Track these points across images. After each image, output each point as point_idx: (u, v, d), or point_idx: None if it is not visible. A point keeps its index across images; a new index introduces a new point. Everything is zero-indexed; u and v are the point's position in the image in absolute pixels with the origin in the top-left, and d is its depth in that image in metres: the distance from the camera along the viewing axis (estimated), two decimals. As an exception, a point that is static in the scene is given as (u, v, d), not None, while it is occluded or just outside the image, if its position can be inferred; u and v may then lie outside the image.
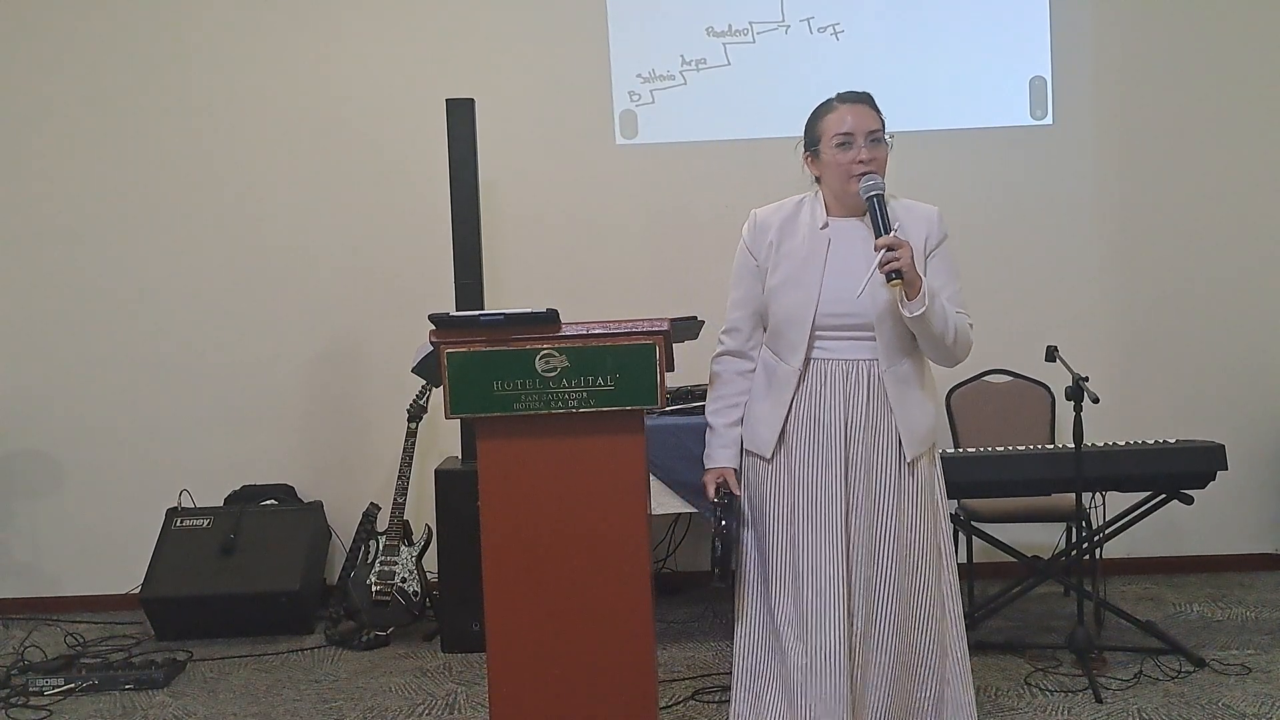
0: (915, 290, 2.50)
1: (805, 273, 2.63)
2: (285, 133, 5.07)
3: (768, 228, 2.70)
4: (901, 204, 2.69)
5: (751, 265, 2.71)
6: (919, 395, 2.67)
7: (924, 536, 2.67)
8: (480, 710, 3.55)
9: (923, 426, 2.67)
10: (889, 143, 2.65)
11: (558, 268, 4.96)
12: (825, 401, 2.63)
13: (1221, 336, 4.97)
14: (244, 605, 4.50)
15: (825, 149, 2.63)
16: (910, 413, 2.64)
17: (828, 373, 2.64)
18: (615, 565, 2.62)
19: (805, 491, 2.65)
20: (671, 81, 5.00)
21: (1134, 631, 3.93)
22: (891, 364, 2.62)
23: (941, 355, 2.66)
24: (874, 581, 2.63)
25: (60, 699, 3.85)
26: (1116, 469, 3.81)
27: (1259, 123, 4.97)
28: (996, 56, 4.98)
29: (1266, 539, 4.99)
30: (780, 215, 2.71)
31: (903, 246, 2.49)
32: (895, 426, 2.63)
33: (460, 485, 4.09)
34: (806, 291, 2.61)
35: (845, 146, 2.60)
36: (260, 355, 5.06)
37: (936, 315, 2.54)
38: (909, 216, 2.67)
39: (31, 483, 5.11)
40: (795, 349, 2.63)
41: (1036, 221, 5.00)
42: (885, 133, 2.65)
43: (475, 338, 2.62)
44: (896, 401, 2.62)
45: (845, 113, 2.63)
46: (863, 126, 2.61)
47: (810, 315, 2.61)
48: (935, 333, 2.56)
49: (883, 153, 2.63)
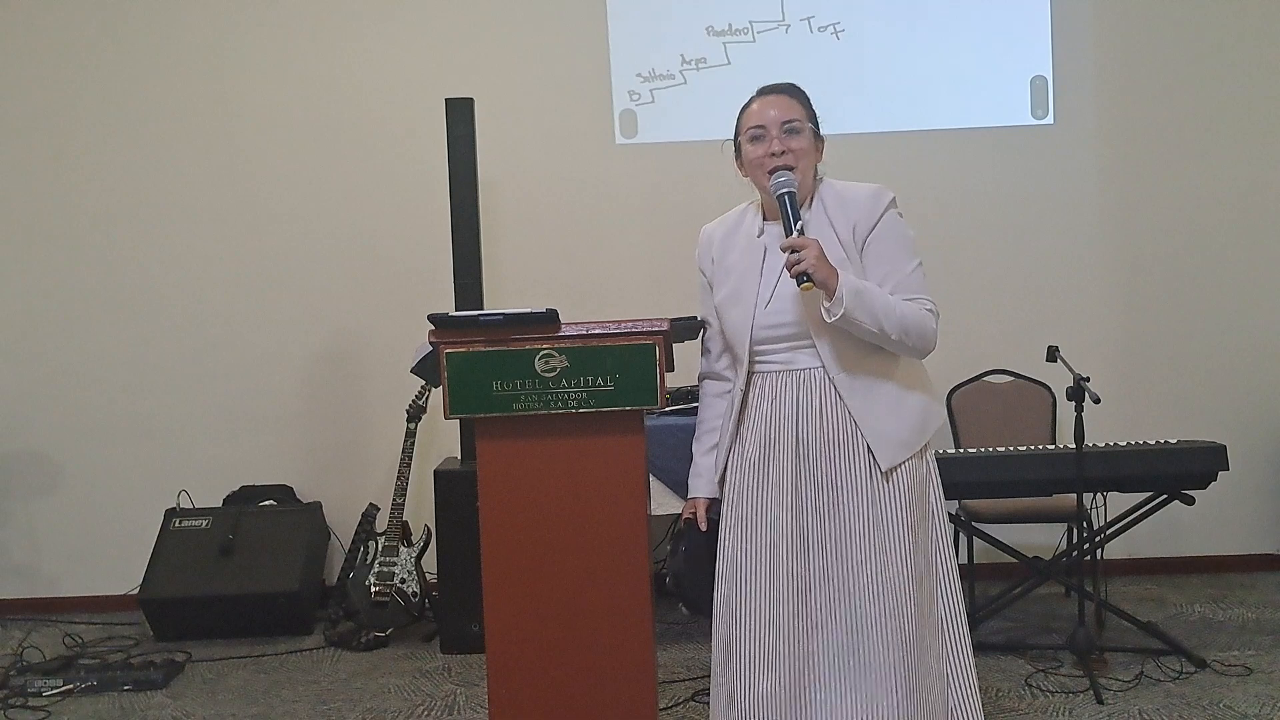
0: (831, 290, 2.29)
1: (744, 285, 2.48)
2: (285, 133, 5.06)
3: (711, 242, 2.59)
4: (835, 189, 2.49)
5: (703, 283, 2.61)
6: (891, 396, 2.43)
7: (909, 554, 2.40)
8: (480, 711, 3.54)
9: (899, 431, 2.42)
10: (815, 133, 2.47)
11: (557, 268, 4.96)
12: (772, 416, 2.45)
13: (1222, 336, 4.96)
14: (243, 606, 4.49)
15: (743, 144, 2.49)
16: (878, 418, 2.40)
17: (775, 385, 2.46)
18: (615, 565, 2.61)
19: (752, 515, 2.46)
20: (671, 81, 4.99)
21: (1135, 632, 3.92)
22: (842, 369, 2.40)
23: (896, 350, 2.42)
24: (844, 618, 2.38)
25: (59, 700, 3.84)
26: (1118, 469, 3.80)
27: (1259, 122, 4.96)
28: (997, 56, 4.97)
29: (1268, 539, 4.98)
30: (723, 228, 2.60)
31: (806, 246, 2.29)
32: (861, 435, 2.40)
33: (460, 485, 4.08)
34: (745, 305, 2.46)
35: (758, 139, 2.44)
36: (259, 355, 5.06)
37: (865, 313, 2.31)
38: (838, 203, 2.46)
39: (30, 483, 5.10)
40: (740, 364, 2.49)
41: (1037, 221, 4.99)
42: (809, 123, 2.46)
43: (475, 338, 2.61)
44: (858, 408, 2.39)
45: (759, 105, 2.48)
46: (776, 117, 2.43)
47: (748, 329, 2.45)
48: (870, 331, 2.33)
49: (800, 143, 2.43)
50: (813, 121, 2.49)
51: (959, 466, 3.84)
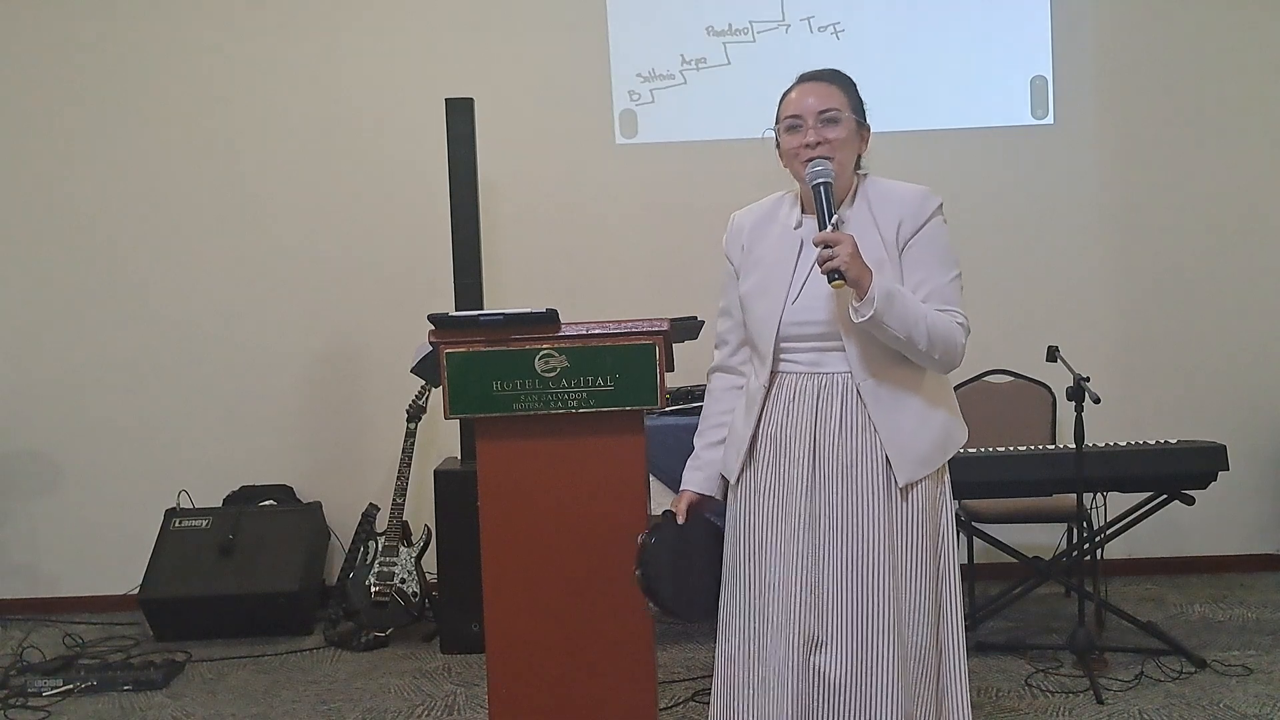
0: (863, 290, 2.18)
1: (774, 278, 2.35)
2: (285, 133, 5.06)
3: (741, 230, 2.46)
4: (880, 186, 2.39)
5: (729, 271, 2.48)
6: (916, 410, 2.31)
7: (923, 579, 2.30)
8: (480, 711, 3.54)
9: (919, 446, 2.30)
10: (858, 123, 2.36)
11: (557, 268, 4.96)
12: (792, 420, 2.33)
13: (1222, 336, 4.96)
14: (243, 606, 4.49)
15: (780, 134, 2.38)
16: (901, 430, 2.28)
17: (796, 387, 2.33)
18: (615, 565, 2.60)
19: (767, 523, 2.34)
20: (671, 81, 4.99)
21: (1135, 632, 3.92)
22: (870, 376, 2.28)
23: (921, 361, 2.29)
24: (853, 633, 2.26)
25: (59, 700, 3.84)
26: (1118, 469, 3.80)
27: (1259, 122, 4.96)
28: (997, 56, 4.97)
29: (1268, 539, 4.98)
30: (754, 216, 2.47)
31: (841, 242, 2.18)
32: (880, 447, 2.28)
33: (460, 485, 4.07)
34: (773, 298, 2.34)
35: (795, 129, 2.34)
36: (259, 355, 5.05)
37: (895, 318, 2.19)
38: (883, 200, 2.36)
39: (30, 483, 5.10)
40: (764, 361, 2.36)
41: (1037, 221, 4.99)
42: (850, 112, 2.34)
43: (475, 338, 2.61)
44: (881, 419, 2.28)
45: (797, 93, 2.37)
46: (814, 106, 2.32)
47: (775, 325, 2.32)
48: (897, 337, 2.21)
49: (840, 133, 2.31)
50: (856, 111, 2.37)
51: (959, 466, 3.79)
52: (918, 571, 2.30)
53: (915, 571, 2.30)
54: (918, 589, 2.30)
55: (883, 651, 2.26)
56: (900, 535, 2.29)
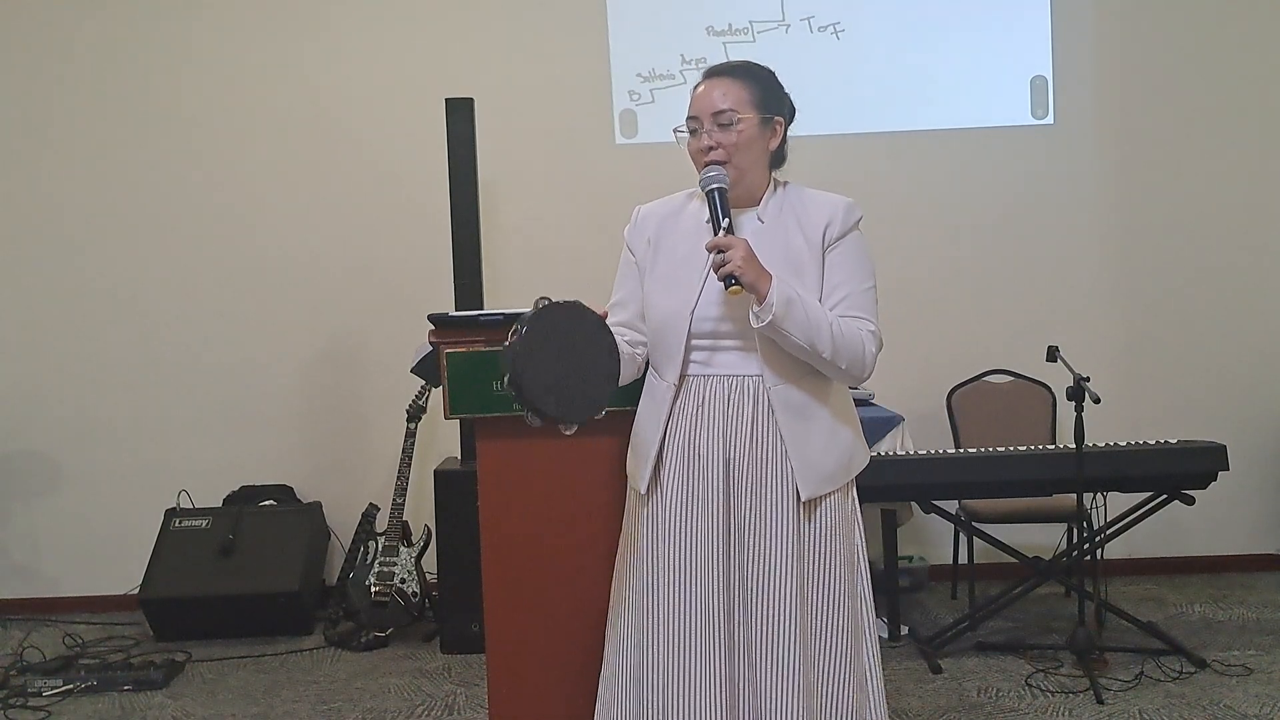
0: (761, 295, 2.10)
1: (682, 274, 2.25)
2: (285, 133, 5.06)
3: (647, 222, 2.36)
4: (804, 193, 2.30)
5: (630, 261, 2.37)
6: (825, 424, 2.23)
7: (840, 595, 2.23)
8: (480, 711, 3.54)
9: (825, 462, 2.22)
10: (763, 119, 2.23)
11: (557, 268, 4.95)
12: (702, 424, 2.23)
13: (1222, 336, 4.96)
14: (243, 606, 4.49)
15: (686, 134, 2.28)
16: (808, 443, 2.20)
17: (706, 390, 2.24)
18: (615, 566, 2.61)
19: (679, 535, 2.23)
20: (671, 81, 4.99)
21: (1135, 632, 3.92)
22: (782, 380, 2.20)
23: (827, 371, 2.20)
24: (764, 653, 2.19)
25: (59, 700, 3.84)
26: (1118, 469, 3.80)
27: (1259, 122, 4.96)
28: (997, 56, 4.97)
29: (1268, 539, 4.98)
30: (664, 210, 2.37)
31: (733, 246, 2.10)
32: (787, 458, 2.20)
33: (459, 486, 4.08)
34: (682, 295, 2.23)
35: (694, 132, 2.24)
36: (259, 356, 5.05)
37: (795, 324, 2.11)
38: (808, 204, 2.27)
39: (30, 483, 5.10)
40: (670, 361, 2.25)
41: (1037, 221, 4.99)
42: (751, 110, 2.22)
43: (475, 338, 2.61)
44: (789, 428, 2.19)
45: (699, 91, 2.25)
46: (709, 107, 2.21)
47: (685, 323, 2.22)
48: (800, 345, 2.13)
49: (733, 137, 2.20)
50: (762, 106, 2.24)
51: (959, 466, 3.85)
52: (832, 588, 2.24)
53: (829, 588, 2.24)
54: (834, 605, 2.24)
55: (786, 667, 2.17)
56: (811, 550, 2.23)
